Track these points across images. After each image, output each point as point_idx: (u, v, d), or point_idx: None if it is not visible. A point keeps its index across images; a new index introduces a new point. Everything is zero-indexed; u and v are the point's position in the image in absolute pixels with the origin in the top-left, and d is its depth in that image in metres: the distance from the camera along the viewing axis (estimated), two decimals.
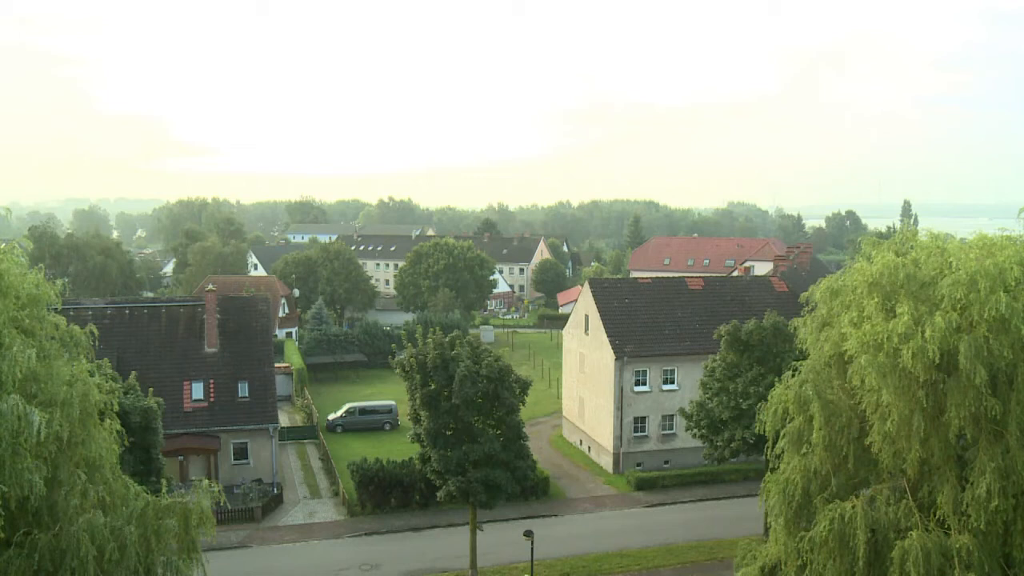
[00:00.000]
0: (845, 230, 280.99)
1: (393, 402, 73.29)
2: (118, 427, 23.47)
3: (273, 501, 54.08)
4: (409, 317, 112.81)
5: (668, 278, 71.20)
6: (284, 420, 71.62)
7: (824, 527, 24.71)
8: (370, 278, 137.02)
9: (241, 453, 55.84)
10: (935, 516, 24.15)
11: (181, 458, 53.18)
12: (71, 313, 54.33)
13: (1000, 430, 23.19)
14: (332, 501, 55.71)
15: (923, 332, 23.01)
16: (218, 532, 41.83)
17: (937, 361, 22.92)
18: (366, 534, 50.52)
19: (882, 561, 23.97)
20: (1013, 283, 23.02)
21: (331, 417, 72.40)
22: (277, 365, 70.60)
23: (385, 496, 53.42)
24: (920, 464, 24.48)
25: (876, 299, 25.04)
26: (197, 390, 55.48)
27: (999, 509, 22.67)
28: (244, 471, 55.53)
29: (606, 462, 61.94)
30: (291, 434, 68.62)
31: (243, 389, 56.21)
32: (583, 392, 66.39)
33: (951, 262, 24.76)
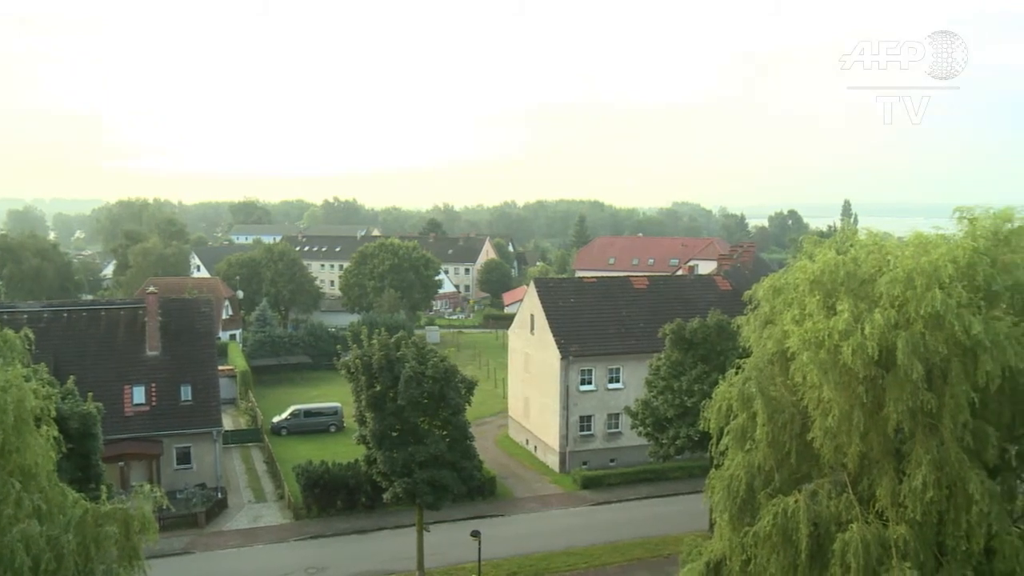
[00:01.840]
0: (787, 229, 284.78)
1: (338, 404, 72.77)
2: (55, 433, 22.94)
3: (217, 506, 53.39)
4: (354, 318, 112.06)
5: (613, 277, 71.69)
6: (228, 423, 70.75)
7: (768, 522, 25.00)
8: (315, 279, 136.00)
9: (184, 457, 55.04)
10: (874, 508, 24.58)
11: (122, 464, 52.28)
12: (5, 317, 53.51)
13: (935, 423, 23.67)
14: (277, 505, 55.16)
15: (862, 329, 23.40)
16: (161, 538, 41.17)
17: (876, 357, 23.32)
18: (312, 537, 50.09)
19: (824, 553, 24.33)
20: (947, 280, 23.49)
21: (276, 420, 71.70)
22: (221, 368, 69.70)
23: (331, 499, 53.01)
24: (860, 458, 24.88)
25: (817, 297, 25.40)
26: (138, 394, 54.55)
27: (934, 500, 23.15)
28: (187, 476, 54.75)
29: (552, 461, 62.08)
30: (235, 437, 67.82)
31: (186, 392, 55.40)
32: (529, 392, 66.47)
33: (889, 260, 25.22)
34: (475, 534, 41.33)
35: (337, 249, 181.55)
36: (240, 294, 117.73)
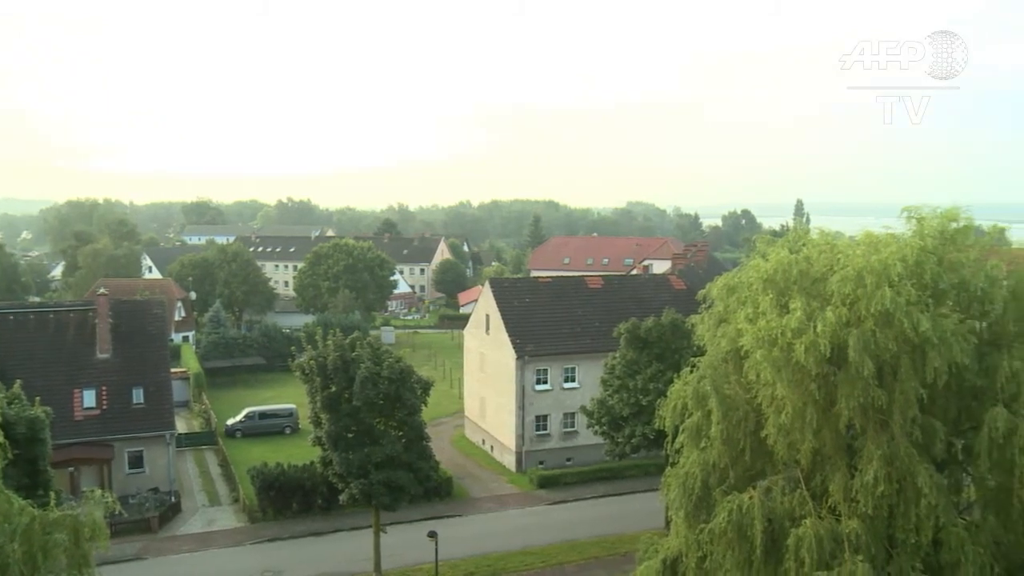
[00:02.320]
0: (741, 229, 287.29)
1: (293, 405, 72.25)
2: (1, 439, 22.53)
3: (170, 510, 52.75)
4: (309, 319, 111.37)
5: (568, 277, 71.99)
6: (181, 426, 69.92)
7: (723, 518, 25.23)
8: (269, 280, 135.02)
9: (136, 462, 54.23)
10: (827, 503, 24.92)
11: (72, 469, 51.39)
12: None
13: (886, 419, 24.06)
14: (232, 508, 54.63)
15: (815, 327, 23.70)
16: (112, 544, 40.53)
17: (828, 355, 23.64)
18: (268, 540, 49.70)
19: (778, 549, 24.61)
20: (897, 279, 23.88)
21: (230, 422, 71.03)
22: (173, 370, 68.84)
23: (287, 501, 52.62)
24: (813, 454, 25.20)
25: (770, 295, 25.68)
26: (88, 398, 53.67)
27: (884, 494, 23.53)
28: (140, 480, 53.99)
29: (509, 461, 62.14)
30: (189, 440, 67.09)
31: (138, 395, 54.59)
32: (485, 392, 66.47)
33: (840, 259, 25.56)
34: (432, 535, 41.25)
35: (291, 250, 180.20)
36: (193, 295, 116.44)
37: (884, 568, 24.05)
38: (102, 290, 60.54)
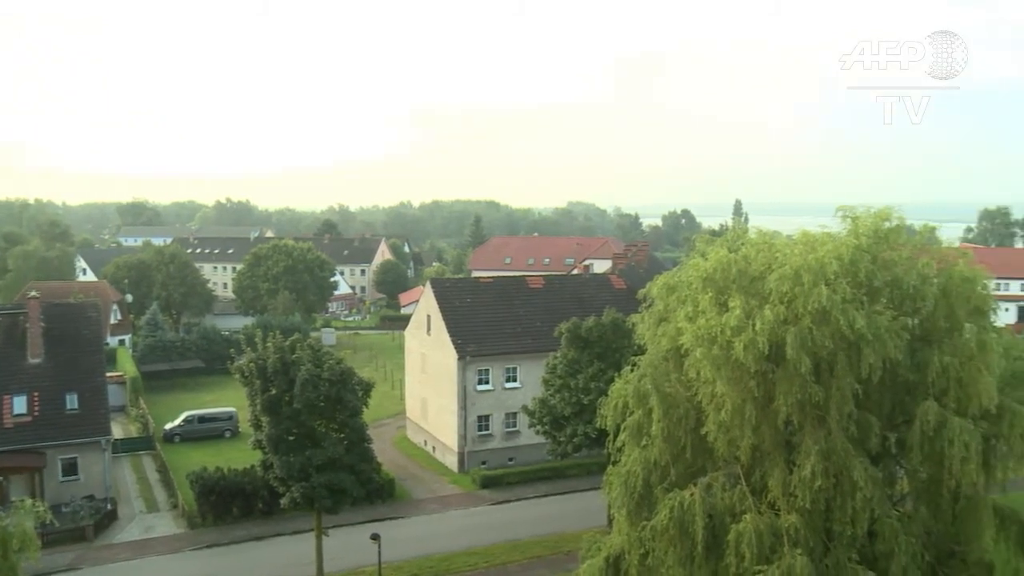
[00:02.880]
0: (681, 228, 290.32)
1: (233, 409, 71.35)
2: None
3: (106, 518, 51.69)
4: (248, 321, 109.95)
5: (509, 277, 72.05)
6: (118, 432, 68.59)
7: (664, 515, 25.49)
8: (207, 281, 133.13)
9: (70, 469, 52.98)
10: (767, 499, 25.33)
11: (0, 479, 50.18)
12: None
13: (823, 415, 24.51)
14: (171, 514, 53.75)
15: (753, 325, 24.07)
16: (44, 555, 39.86)
17: (766, 352, 24.01)
18: (207, 546, 49.00)
19: (719, 544, 24.93)
20: (833, 277, 24.36)
21: (168, 426, 69.92)
22: (109, 374, 67.55)
23: (227, 506, 51.94)
24: (752, 450, 25.57)
25: (710, 294, 26.02)
26: (19, 404, 52.30)
27: (822, 488, 23.99)
28: (74, 488, 52.76)
29: (451, 462, 62.05)
30: (125, 446, 65.83)
31: (71, 401, 53.38)
32: (426, 392, 66.30)
33: (778, 258, 25.98)
34: (375, 537, 41.02)
35: (230, 251, 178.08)
36: (129, 298, 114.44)
37: (822, 560, 24.51)
38: (33, 293, 59.20)
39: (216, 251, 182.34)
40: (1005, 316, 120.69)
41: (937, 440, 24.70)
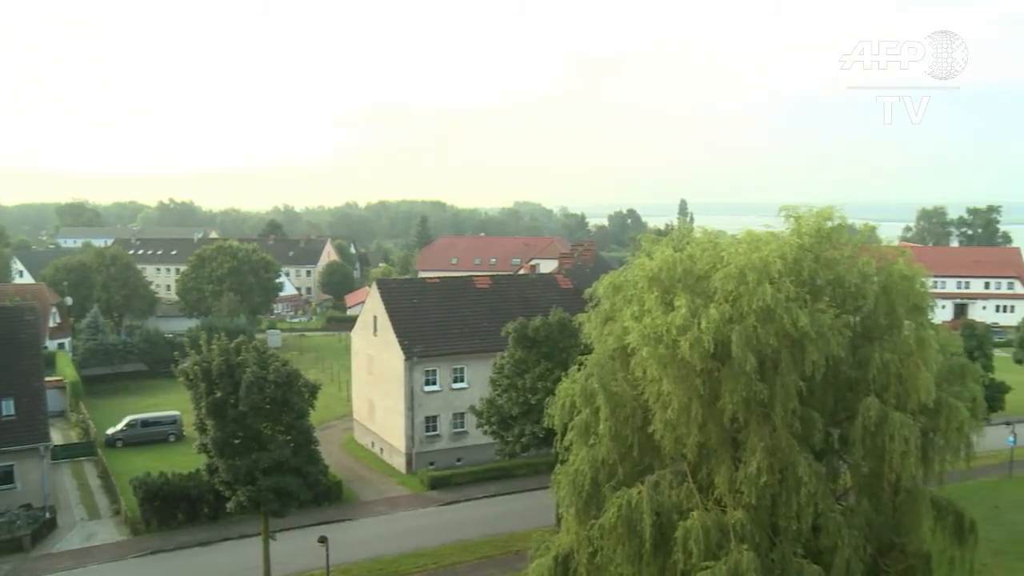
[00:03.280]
0: (627, 228, 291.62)
1: (177, 412, 70.38)
2: None
3: (45, 527, 50.51)
4: (192, 323, 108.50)
5: (455, 277, 71.92)
6: (57, 437, 67.32)
7: (612, 514, 25.67)
8: (150, 283, 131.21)
9: (6, 477, 51.61)
10: (713, 495, 25.63)
11: None
12: None
13: (768, 412, 24.87)
14: (113, 521, 52.80)
15: (699, 323, 24.33)
16: None
17: (712, 351, 24.29)
18: (151, 553, 48.24)
19: (667, 542, 25.17)
20: (776, 276, 24.71)
21: (110, 431, 68.71)
22: (48, 379, 66.24)
23: (172, 511, 51.19)
24: (699, 448, 25.86)
25: (656, 293, 26.24)
26: None
27: (767, 484, 24.35)
28: (10, 497, 51.39)
29: (399, 463, 61.84)
30: (65, 452, 64.53)
31: (7, 407, 52.04)
32: (373, 394, 66.01)
33: (723, 257, 26.30)
34: (323, 540, 40.72)
35: (173, 252, 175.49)
36: (68, 300, 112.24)
37: (768, 555, 24.86)
38: None
39: (159, 252, 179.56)
40: (942, 313, 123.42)
41: (878, 435, 25.21)
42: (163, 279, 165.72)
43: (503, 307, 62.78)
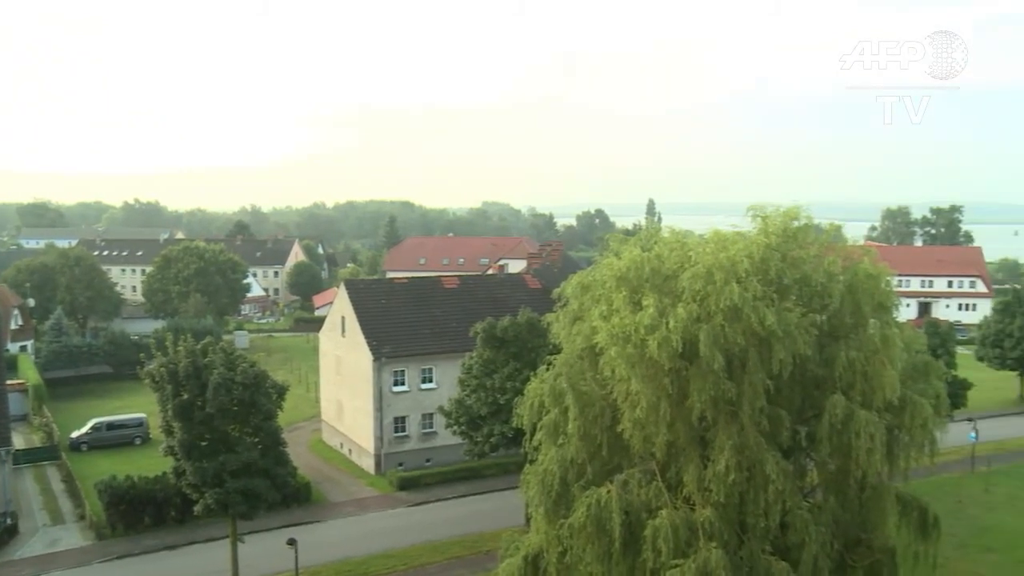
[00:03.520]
0: (595, 228, 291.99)
1: (143, 415, 69.70)
2: None
3: (6, 533, 49.66)
4: (159, 324, 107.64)
5: (424, 278, 71.81)
6: (19, 442, 66.43)
7: (582, 513, 25.73)
8: (115, 285, 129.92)
9: None
10: (682, 494, 25.77)
11: None
12: None
13: (735, 410, 25.03)
14: (78, 526, 52.15)
15: (667, 323, 24.44)
16: None
17: (680, 350, 24.40)
18: (117, 558, 47.73)
19: (636, 540, 25.27)
20: (744, 275, 24.89)
21: (75, 435, 67.91)
22: (9, 382, 65.44)
23: (138, 515, 50.67)
24: (667, 447, 25.98)
25: (624, 293, 26.33)
26: None
27: (735, 482, 24.52)
28: None
29: (368, 464, 61.64)
30: (28, 457, 63.67)
31: None
32: (342, 395, 65.76)
33: (691, 256, 26.47)
34: (291, 542, 40.53)
35: (139, 253, 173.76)
36: (31, 302, 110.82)
37: (736, 553, 25.02)
38: None
39: (124, 253, 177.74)
40: (906, 311, 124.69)
41: (844, 432, 25.46)
42: (129, 280, 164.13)
43: (472, 307, 62.73)
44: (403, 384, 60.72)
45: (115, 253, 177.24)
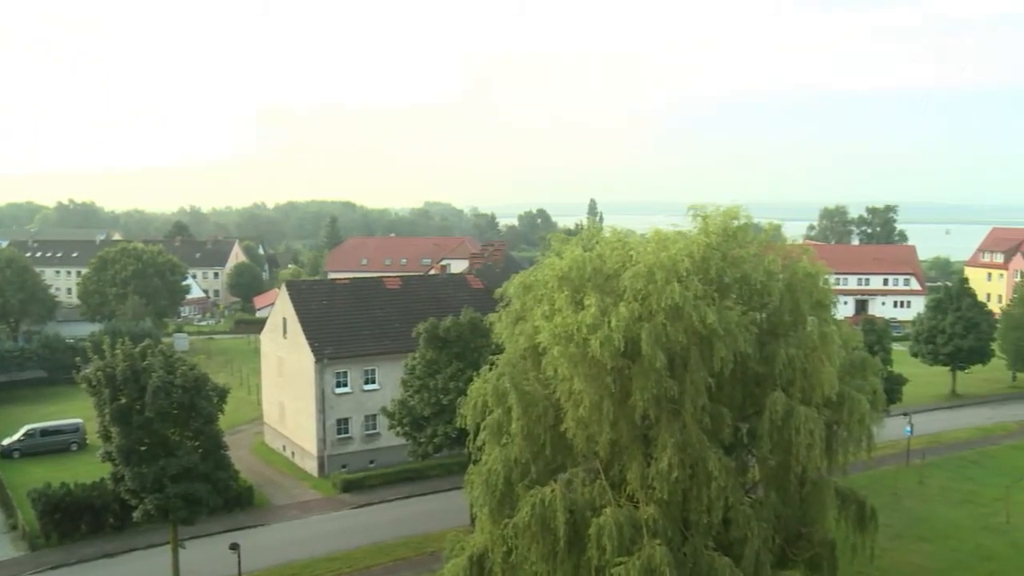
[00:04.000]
0: (537, 228, 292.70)
1: (80, 420, 68.39)
2: None
3: None
4: (95, 328, 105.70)
5: (366, 278, 71.41)
6: None
7: (526, 512, 25.78)
8: (49, 287, 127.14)
9: None
10: (626, 492, 25.95)
11: None
12: None
13: (678, 408, 25.26)
14: (9, 536, 50.84)
15: (609, 322, 24.58)
16: None
17: (622, 349, 24.56)
18: (52, 568, 46.65)
19: (581, 539, 25.39)
20: (685, 274, 25.13)
21: (6, 442, 66.39)
22: None
23: (74, 523, 49.61)
24: (611, 445, 26.13)
25: (566, 292, 26.44)
26: None
27: (679, 479, 24.75)
28: None
29: (311, 466, 61.16)
30: None
31: None
32: (284, 397, 65.16)
33: (632, 256, 26.65)
34: (234, 547, 40.06)
35: (74, 255, 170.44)
36: None
37: (680, 549, 25.26)
38: None
39: (59, 255, 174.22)
40: (844, 309, 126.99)
41: (785, 429, 25.84)
42: (63, 282, 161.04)
43: (414, 308, 62.52)
44: (346, 385, 60.35)
45: (49, 255, 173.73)
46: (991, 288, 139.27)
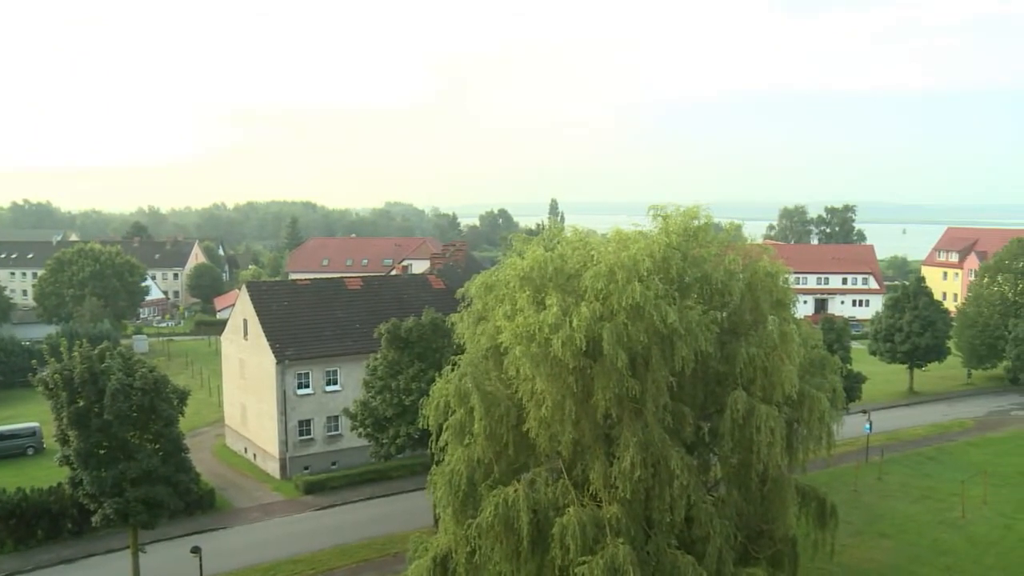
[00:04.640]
0: (498, 228, 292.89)
1: (36, 424, 67.45)
2: None
3: None
4: (52, 330, 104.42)
5: (327, 279, 71.00)
6: None
7: (490, 513, 25.79)
8: (3, 289, 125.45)
9: None
10: (589, 491, 26.02)
11: None
12: None
13: (640, 407, 25.38)
14: None
15: (571, 322, 24.64)
16: None
17: (584, 348, 24.63)
18: (8, 575, 46.04)
19: (544, 538, 25.44)
20: (645, 274, 25.24)
21: None
22: None
23: (30, 529, 48.89)
24: (573, 445, 26.20)
25: (527, 292, 26.47)
26: None
27: (641, 478, 24.86)
28: None
29: (273, 468, 60.75)
30: None
31: None
32: (245, 398, 64.67)
33: (593, 255, 26.73)
34: (195, 550, 39.68)
35: (29, 256, 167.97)
36: None
37: (643, 548, 25.38)
38: None
39: (13, 256, 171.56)
40: (804, 308, 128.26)
41: (746, 427, 26.05)
42: (18, 284, 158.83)
43: (376, 308, 62.35)
44: (307, 387, 60.01)
45: (3, 256, 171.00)
46: (947, 287, 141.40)
